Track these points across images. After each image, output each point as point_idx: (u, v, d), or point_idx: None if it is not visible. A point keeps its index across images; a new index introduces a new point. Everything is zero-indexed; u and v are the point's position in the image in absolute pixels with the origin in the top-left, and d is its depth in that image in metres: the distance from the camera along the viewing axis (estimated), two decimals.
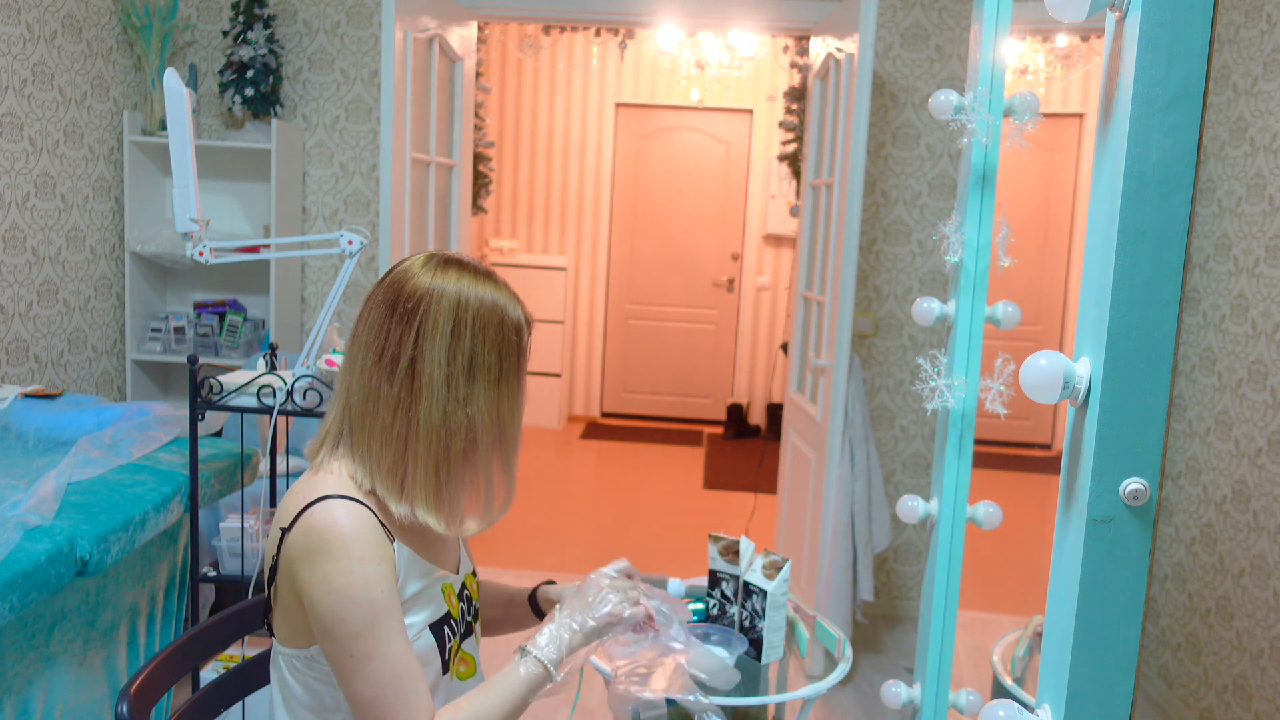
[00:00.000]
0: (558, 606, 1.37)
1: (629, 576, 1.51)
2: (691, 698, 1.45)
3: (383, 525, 1.25)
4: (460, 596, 1.41)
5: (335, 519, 1.21)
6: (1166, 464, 3.23)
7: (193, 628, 1.52)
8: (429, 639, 1.31)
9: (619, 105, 6.71)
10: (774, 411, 6.53)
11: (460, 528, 1.31)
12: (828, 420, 3.16)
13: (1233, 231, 2.92)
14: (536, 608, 1.62)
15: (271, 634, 1.34)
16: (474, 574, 1.52)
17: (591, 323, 6.95)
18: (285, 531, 1.24)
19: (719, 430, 6.82)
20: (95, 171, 3.47)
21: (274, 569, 1.28)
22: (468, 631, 1.43)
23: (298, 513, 1.23)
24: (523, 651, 1.31)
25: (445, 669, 1.35)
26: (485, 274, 1.30)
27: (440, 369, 1.24)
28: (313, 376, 2.31)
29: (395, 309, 1.26)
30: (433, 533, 1.34)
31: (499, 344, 1.27)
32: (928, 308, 1.54)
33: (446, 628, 1.35)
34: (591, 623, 1.35)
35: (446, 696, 1.35)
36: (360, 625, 1.19)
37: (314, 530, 1.21)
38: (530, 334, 1.34)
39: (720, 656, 1.84)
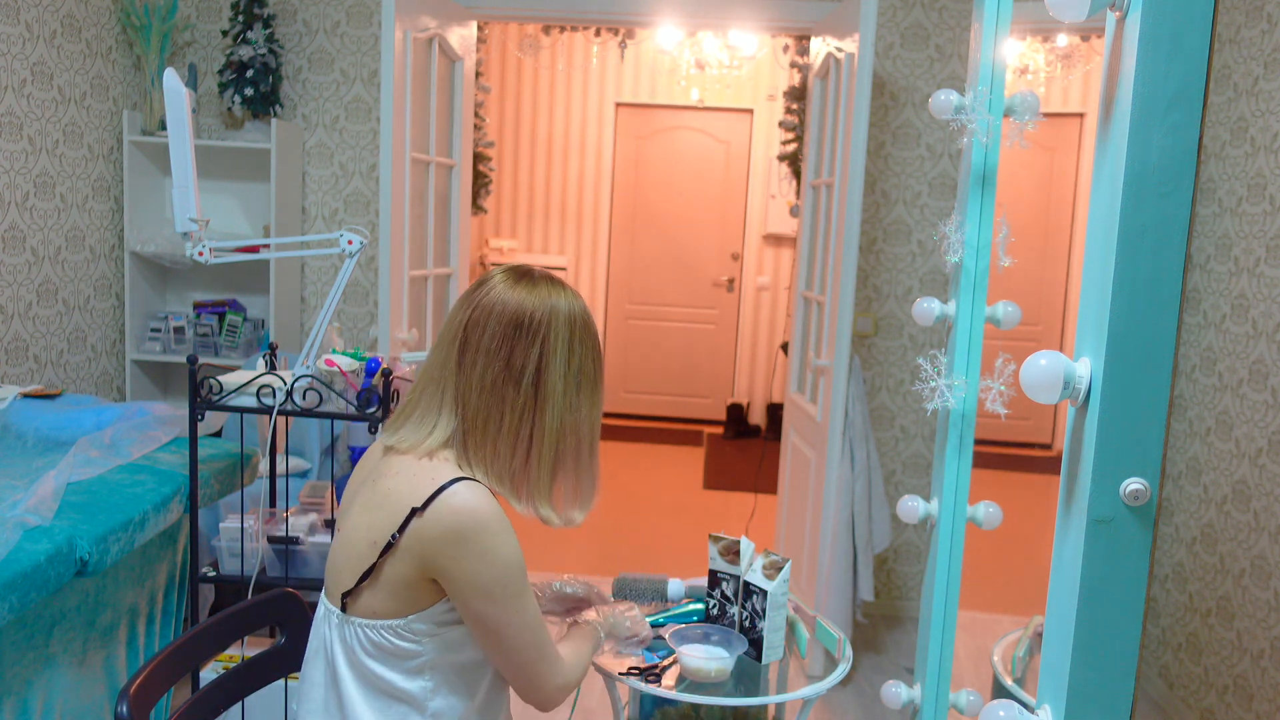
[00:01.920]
0: (605, 611, 1.72)
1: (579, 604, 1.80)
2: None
3: None
4: None
5: (478, 499, 1.33)
6: (1167, 464, 3.23)
7: (193, 628, 1.52)
8: None
9: (619, 105, 6.71)
10: (774, 411, 6.52)
11: (570, 518, 1.47)
12: (828, 420, 3.16)
13: (1233, 231, 2.92)
14: None
15: (344, 611, 1.38)
16: None
17: None
18: (417, 511, 1.32)
19: (719, 430, 6.82)
20: (95, 171, 3.47)
21: (389, 546, 1.34)
22: None
23: (431, 495, 1.32)
24: (591, 624, 1.66)
25: None
26: (562, 284, 1.46)
27: (560, 379, 1.39)
28: (312, 376, 2.31)
29: (521, 325, 1.38)
30: None
31: (595, 353, 1.45)
32: (928, 308, 1.54)
33: None
34: (619, 635, 1.74)
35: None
36: (518, 587, 1.35)
37: (460, 511, 1.32)
38: None
39: (719, 656, 1.88)
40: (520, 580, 1.37)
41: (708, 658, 1.87)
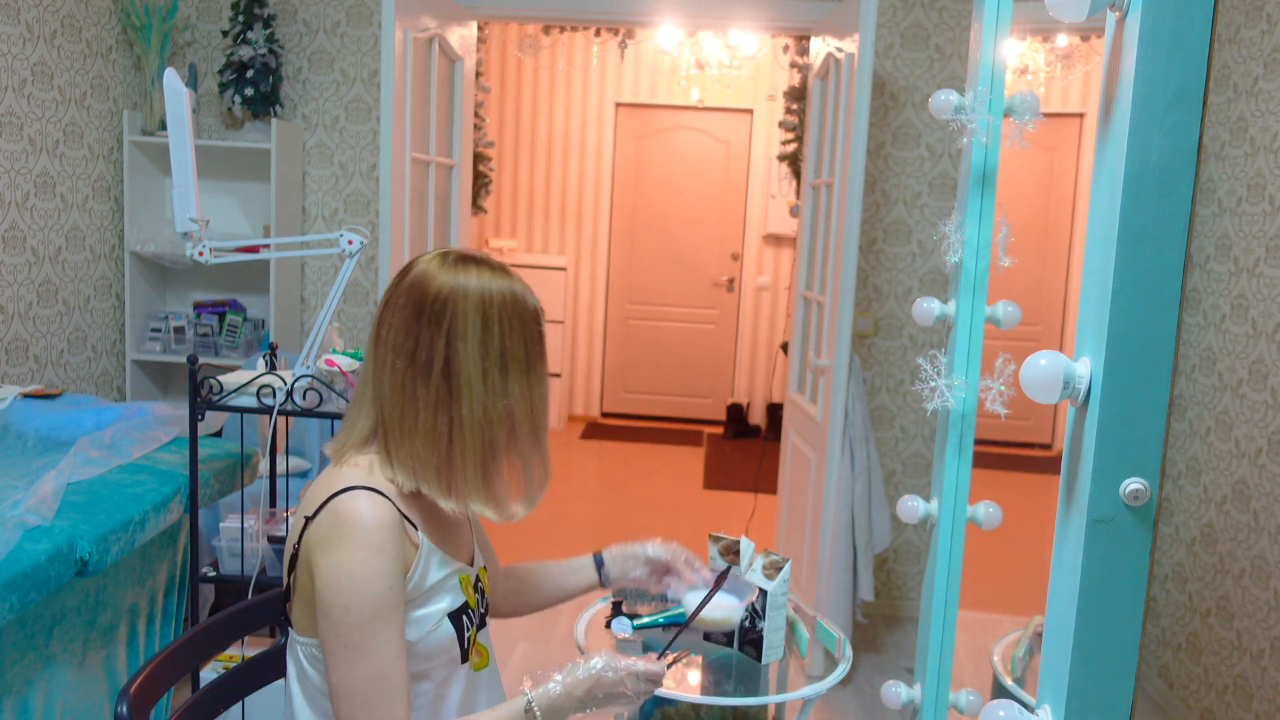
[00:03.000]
0: (571, 666, 1.34)
1: (666, 567, 1.66)
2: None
3: (406, 517, 1.29)
4: (475, 588, 1.43)
5: (358, 508, 1.24)
6: (1167, 464, 3.23)
7: (193, 628, 1.52)
8: (448, 628, 1.34)
9: (619, 105, 6.71)
10: (774, 411, 6.52)
11: (508, 513, 1.35)
12: (828, 420, 3.16)
13: (1233, 231, 2.92)
14: (601, 570, 1.68)
15: (289, 625, 1.35)
16: (485, 569, 1.54)
17: (591, 323, 6.95)
18: (309, 520, 1.27)
19: (719, 430, 6.82)
20: (95, 171, 3.47)
21: (294, 558, 1.31)
22: (482, 623, 1.45)
23: (323, 502, 1.26)
24: (528, 700, 1.31)
25: (464, 658, 1.38)
26: (500, 268, 1.34)
27: (476, 366, 1.28)
28: (312, 376, 2.31)
29: (423, 312, 1.28)
30: (449, 525, 1.39)
31: (524, 334, 1.31)
32: (928, 308, 1.54)
33: (465, 617, 1.38)
34: (594, 698, 1.34)
35: (465, 685, 1.39)
36: (362, 616, 1.21)
37: (337, 517, 1.24)
38: (544, 319, 1.39)
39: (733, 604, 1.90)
40: (365, 611, 1.20)
41: (728, 606, 1.85)
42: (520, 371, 1.31)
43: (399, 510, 1.28)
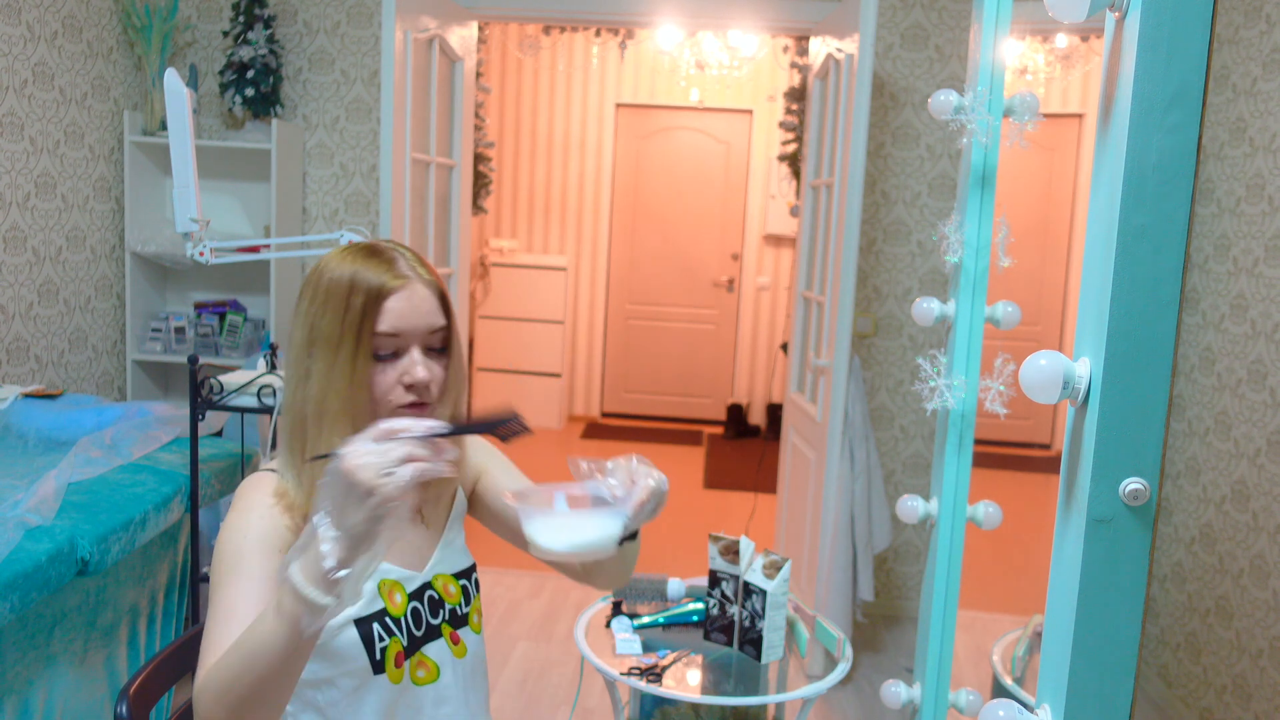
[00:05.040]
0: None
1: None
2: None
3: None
4: (417, 596, 1.33)
5: (244, 484, 1.24)
6: (1166, 464, 3.23)
7: (193, 628, 1.52)
8: (353, 634, 1.25)
9: (619, 105, 6.71)
10: (774, 411, 6.52)
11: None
12: (828, 420, 3.16)
13: (1232, 231, 2.92)
14: None
15: None
16: (459, 576, 1.40)
17: (591, 323, 6.95)
18: None
19: (719, 430, 6.82)
20: (95, 171, 3.47)
21: None
22: (430, 635, 1.34)
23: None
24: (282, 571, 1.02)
25: (378, 668, 1.27)
26: (368, 249, 1.24)
27: (294, 349, 1.23)
28: None
29: (297, 296, 1.27)
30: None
31: (342, 312, 1.19)
32: (928, 308, 1.54)
33: (378, 624, 1.27)
34: (346, 520, 0.97)
35: (380, 699, 1.28)
36: (219, 567, 1.16)
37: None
38: (386, 300, 1.20)
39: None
40: (226, 557, 1.15)
41: (587, 522, 1.15)
42: (326, 353, 1.19)
43: (290, 490, 1.22)
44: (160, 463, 2.35)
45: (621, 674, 1.93)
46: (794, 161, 4.20)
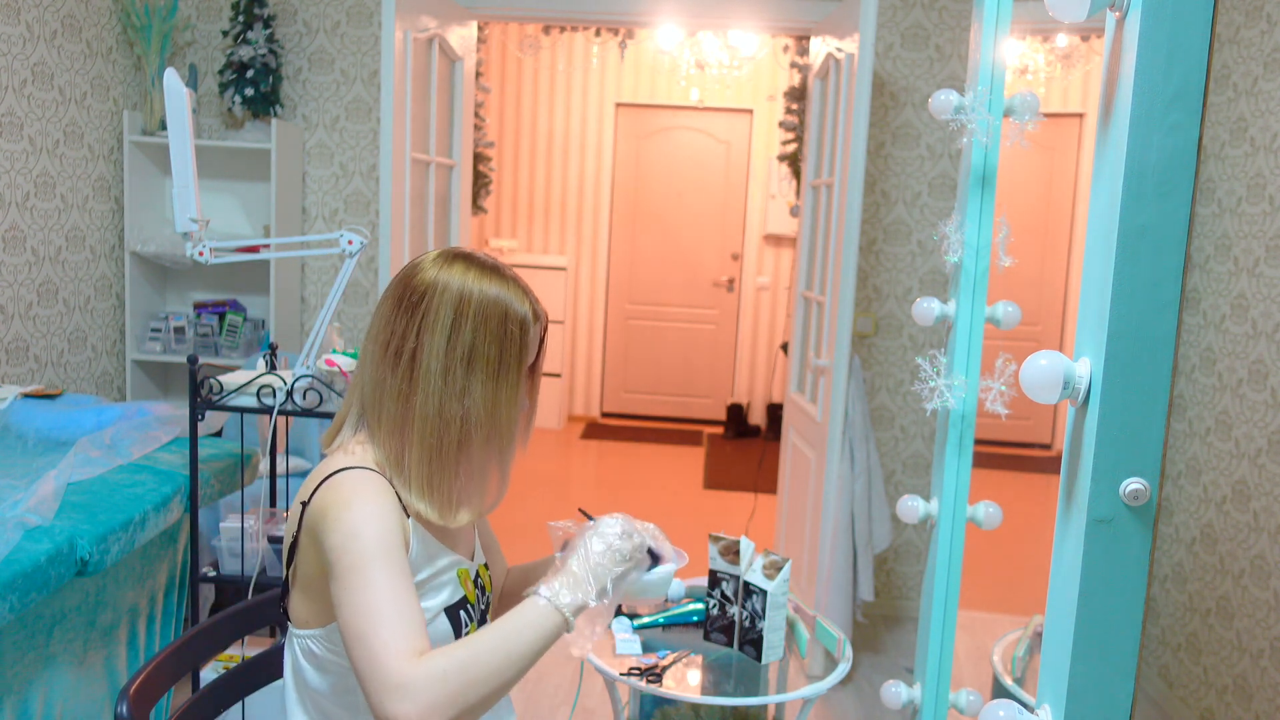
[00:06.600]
0: (568, 554, 1.29)
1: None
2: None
3: (402, 505, 1.28)
4: (475, 583, 1.42)
5: (351, 478, 1.24)
6: (1166, 464, 3.23)
7: (193, 628, 1.52)
8: (445, 623, 1.33)
9: (619, 105, 6.71)
10: (774, 411, 6.52)
11: (454, 517, 1.31)
12: (828, 420, 3.16)
13: (1233, 231, 2.92)
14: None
15: (287, 619, 1.35)
16: (486, 566, 1.52)
17: (591, 323, 6.95)
18: (305, 505, 1.27)
19: (719, 430, 6.82)
20: (95, 171, 3.47)
21: (293, 548, 1.30)
22: (483, 619, 1.44)
23: (317, 485, 1.26)
24: (534, 595, 1.22)
25: None
26: (493, 268, 1.32)
27: (438, 360, 1.26)
28: (313, 376, 2.31)
29: (402, 302, 1.29)
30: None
31: (500, 338, 1.28)
32: (928, 308, 1.54)
33: (463, 612, 1.36)
34: (613, 571, 1.27)
35: None
36: (360, 558, 1.17)
37: (334, 490, 1.24)
38: (541, 329, 1.36)
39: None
40: (363, 552, 1.17)
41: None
42: (488, 375, 1.28)
43: (397, 497, 1.27)
44: (160, 463, 2.35)
45: (621, 674, 1.93)
46: (794, 161, 4.20)
